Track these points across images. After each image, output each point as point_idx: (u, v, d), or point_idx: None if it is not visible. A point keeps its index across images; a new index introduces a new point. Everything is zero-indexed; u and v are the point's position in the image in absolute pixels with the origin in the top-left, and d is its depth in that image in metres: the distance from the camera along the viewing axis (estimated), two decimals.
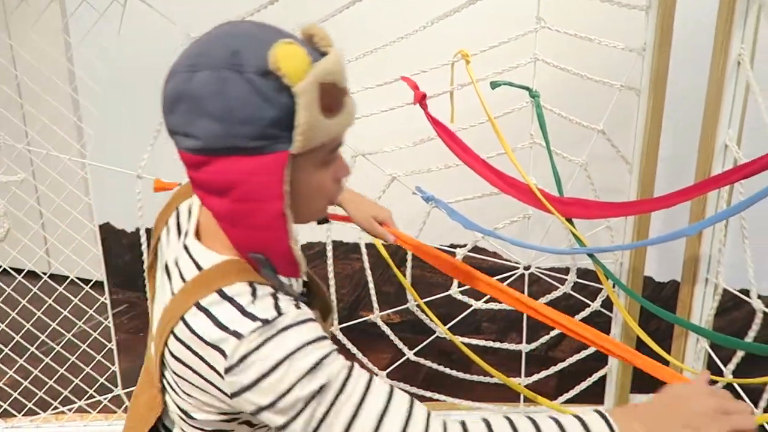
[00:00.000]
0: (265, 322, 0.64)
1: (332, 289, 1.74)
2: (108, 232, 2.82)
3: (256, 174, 0.62)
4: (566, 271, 1.86)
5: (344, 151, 1.52)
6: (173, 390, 0.74)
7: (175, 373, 0.71)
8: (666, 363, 1.18)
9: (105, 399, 1.91)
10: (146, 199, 1.60)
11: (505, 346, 1.94)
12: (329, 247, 1.74)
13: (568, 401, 1.84)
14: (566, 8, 1.88)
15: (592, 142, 1.67)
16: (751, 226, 1.42)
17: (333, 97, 0.63)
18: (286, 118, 0.61)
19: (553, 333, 1.87)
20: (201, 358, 0.66)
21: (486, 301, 1.85)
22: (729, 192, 1.44)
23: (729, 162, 1.42)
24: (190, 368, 0.68)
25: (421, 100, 1.44)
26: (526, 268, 1.85)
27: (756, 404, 1.27)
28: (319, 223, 0.91)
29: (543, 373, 1.84)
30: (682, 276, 1.60)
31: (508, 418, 0.68)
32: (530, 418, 0.68)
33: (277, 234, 0.66)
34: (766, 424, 1.09)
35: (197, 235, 0.74)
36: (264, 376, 0.63)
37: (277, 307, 0.66)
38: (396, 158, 1.66)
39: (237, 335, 0.63)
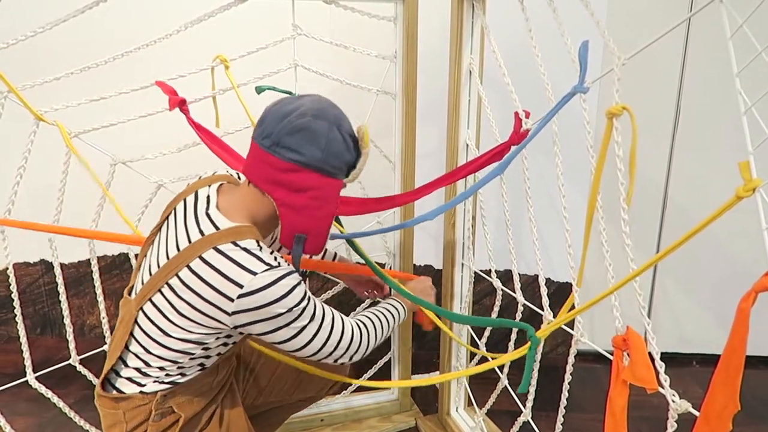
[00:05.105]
0: (270, 266, 0.97)
1: None
2: None
3: (328, 187, 1.02)
4: None
5: (101, 160, 1.40)
6: (161, 312, 1.01)
7: (179, 296, 0.98)
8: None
9: None
10: None
11: None
12: None
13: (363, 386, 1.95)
14: (324, 16, 1.96)
15: None
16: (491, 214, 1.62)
17: (366, 158, 1.07)
18: (352, 163, 1.05)
19: None
20: (212, 286, 0.95)
21: None
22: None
23: (471, 158, 1.60)
24: (197, 293, 0.97)
25: (181, 105, 1.39)
26: None
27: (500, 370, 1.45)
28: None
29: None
30: (443, 260, 1.77)
31: (369, 317, 1.21)
32: (376, 313, 1.23)
33: (325, 224, 1.05)
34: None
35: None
36: (266, 304, 0.96)
37: (276, 259, 1.00)
38: (163, 165, 1.59)
39: (251, 272, 0.95)
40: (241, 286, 0.95)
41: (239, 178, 1.20)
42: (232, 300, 0.96)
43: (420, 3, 1.56)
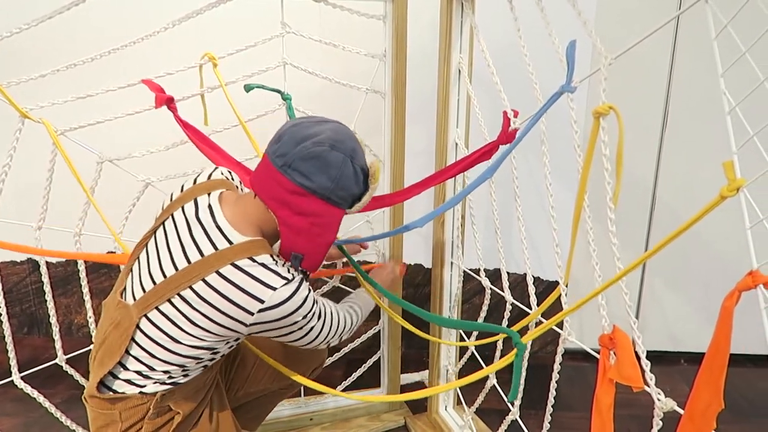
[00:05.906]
0: (288, 280, 1.01)
1: None
2: None
3: (330, 215, 1.05)
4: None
5: (88, 158, 1.39)
6: (171, 321, 1.02)
7: (193, 308, 1.00)
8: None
9: None
10: None
11: None
12: None
13: (352, 385, 1.95)
14: (313, 14, 1.95)
15: None
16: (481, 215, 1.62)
17: (373, 193, 1.11)
18: (358, 196, 1.08)
19: None
20: (232, 301, 0.99)
21: None
22: (463, 186, 1.63)
23: (460, 157, 1.60)
24: (215, 307, 0.99)
25: (168, 103, 1.38)
26: None
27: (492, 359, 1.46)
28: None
29: (328, 361, 1.91)
30: (433, 259, 1.77)
31: (352, 307, 1.28)
32: (357, 301, 1.33)
33: (322, 250, 1.08)
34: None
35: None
36: (285, 316, 1.02)
37: (290, 272, 1.04)
38: (150, 163, 1.58)
39: (271, 287, 0.99)
40: (262, 301, 0.99)
41: (232, 178, 1.20)
42: (252, 314, 1.00)
43: (409, 2, 1.56)
